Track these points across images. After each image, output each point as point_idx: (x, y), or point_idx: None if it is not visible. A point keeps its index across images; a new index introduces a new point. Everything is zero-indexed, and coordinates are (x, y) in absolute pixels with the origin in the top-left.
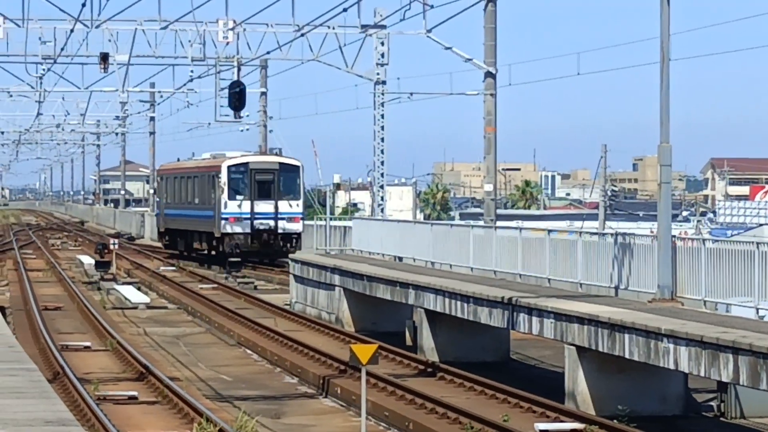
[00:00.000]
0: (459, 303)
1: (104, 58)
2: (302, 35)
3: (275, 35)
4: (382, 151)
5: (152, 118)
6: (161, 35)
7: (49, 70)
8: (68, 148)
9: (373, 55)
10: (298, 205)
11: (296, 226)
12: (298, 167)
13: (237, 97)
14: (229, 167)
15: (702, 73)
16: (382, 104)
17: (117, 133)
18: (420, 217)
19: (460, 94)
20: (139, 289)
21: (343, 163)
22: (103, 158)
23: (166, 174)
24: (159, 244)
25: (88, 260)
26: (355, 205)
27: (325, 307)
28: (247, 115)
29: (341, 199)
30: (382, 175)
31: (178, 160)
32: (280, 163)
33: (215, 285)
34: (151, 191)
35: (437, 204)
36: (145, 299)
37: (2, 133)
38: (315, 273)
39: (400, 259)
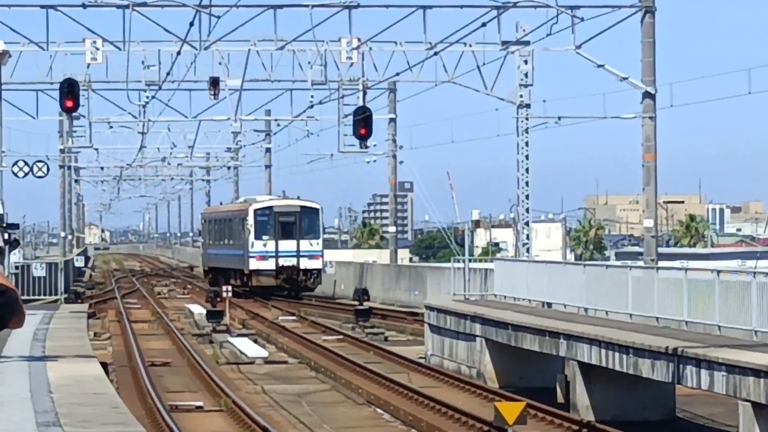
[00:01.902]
0: (617, 354)
1: (214, 83)
2: (435, 54)
3: (405, 54)
4: (526, 183)
5: (268, 150)
6: (277, 56)
7: (153, 97)
8: (175, 184)
9: (516, 74)
10: (318, 243)
11: (316, 263)
12: (317, 210)
13: (363, 125)
14: (255, 210)
15: None
16: (527, 130)
17: (229, 167)
18: (570, 257)
19: (614, 118)
20: (255, 341)
21: (482, 197)
22: (213, 195)
23: (207, 217)
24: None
25: (198, 310)
26: (496, 244)
27: (464, 360)
28: (374, 145)
29: (481, 238)
30: (527, 210)
31: (221, 203)
32: (301, 206)
33: (341, 336)
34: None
35: (590, 243)
36: (263, 353)
37: (102, 168)
38: (453, 322)
39: (549, 305)
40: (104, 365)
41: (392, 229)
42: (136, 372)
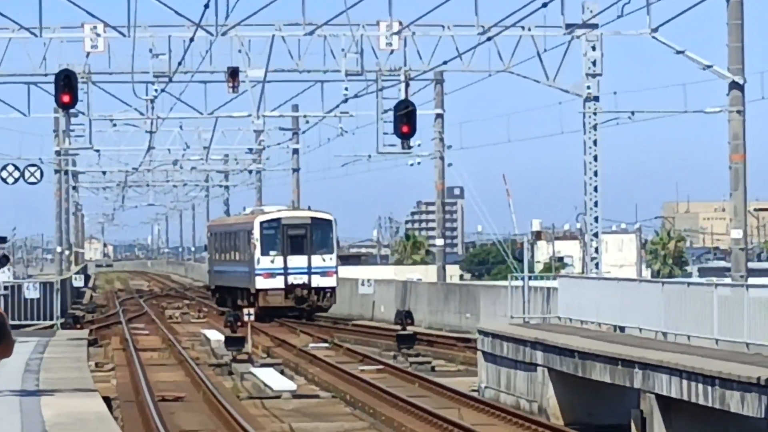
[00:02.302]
0: (701, 386)
1: (233, 74)
2: (488, 39)
3: (453, 40)
4: (595, 189)
5: (295, 151)
6: (306, 43)
7: (162, 90)
8: (188, 191)
9: (582, 63)
10: (331, 259)
11: (330, 281)
12: (330, 221)
13: (405, 121)
14: (261, 223)
15: None
16: (595, 127)
17: (251, 171)
18: (646, 273)
19: (696, 113)
20: (282, 372)
21: (544, 205)
22: (233, 203)
23: (214, 230)
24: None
25: (215, 336)
26: (561, 259)
27: (524, 393)
28: (419, 145)
29: (543, 251)
30: (595, 219)
31: (228, 215)
32: (312, 218)
33: (380, 366)
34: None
35: (669, 257)
36: (291, 386)
37: (104, 173)
38: (511, 349)
39: (622, 329)
40: (107, 400)
41: (440, 241)
42: (144, 408)
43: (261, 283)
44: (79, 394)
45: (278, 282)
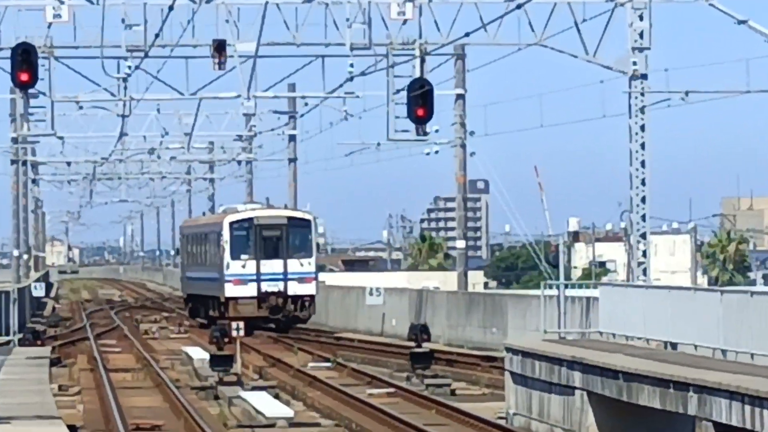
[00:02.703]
0: (766, 412)
1: (219, 48)
2: (518, 7)
3: (477, 8)
4: (642, 182)
5: (292, 138)
6: (304, 12)
7: (137, 68)
8: (167, 184)
9: (628, 34)
10: (309, 263)
11: (309, 288)
12: (309, 221)
13: (420, 103)
14: (231, 223)
15: None
16: (642, 110)
17: (240, 162)
18: (703, 281)
19: (761, 93)
20: (277, 396)
21: (583, 201)
22: (220, 199)
23: (185, 231)
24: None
25: (199, 354)
26: (602, 264)
27: (559, 420)
28: (436, 130)
29: (581, 255)
30: (643, 218)
31: (204, 214)
32: (288, 218)
33: (391, 389)
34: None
35: (729, 261)
36: (287, 412)
37: (68, 164)
38: (544, 369)
39: (674, 346)
40: (73, 429)
41: (461, 243)
42: None
43: (231, 290)
44: (41, 422)
45: (250, 290)
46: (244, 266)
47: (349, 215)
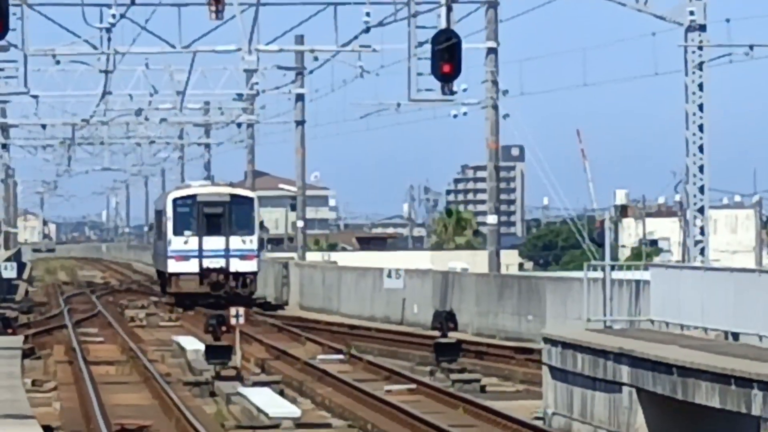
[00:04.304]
0: None
1: None
2: None
3: None
4: (700, 149)
5: (300, 97)
6: None
7: (122, 16)
8: (156, 150)
9: None
10: (251, 241)
11: (250, 265)
12: (252, 199)
13: (447, 58)
14: (174, 200)
15: None
16: (701, 66)
17: (239, 124)
18: None
19: None
20: (281, 393)
21: (632, 170)
22: (216, 168)
23: (157, 206)
24: (331, 319)
25: (192, 345)
26: (654, 243)
27: (604, 420)
28: (464, 90)
29: (630, 231)
30: (700, 189)
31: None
32: (231, 195)
33: (413, 385)
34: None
35: None
36: (294, 411)
37: (44, 127)
38: (587, 362)
39: (736, 336)
40: (48, 430)
41: (492, 218)
42: None
43: (173, 266)
44: (12, 421)
45: (192, 266)
46: (186, 242)
47: (365, 186)
